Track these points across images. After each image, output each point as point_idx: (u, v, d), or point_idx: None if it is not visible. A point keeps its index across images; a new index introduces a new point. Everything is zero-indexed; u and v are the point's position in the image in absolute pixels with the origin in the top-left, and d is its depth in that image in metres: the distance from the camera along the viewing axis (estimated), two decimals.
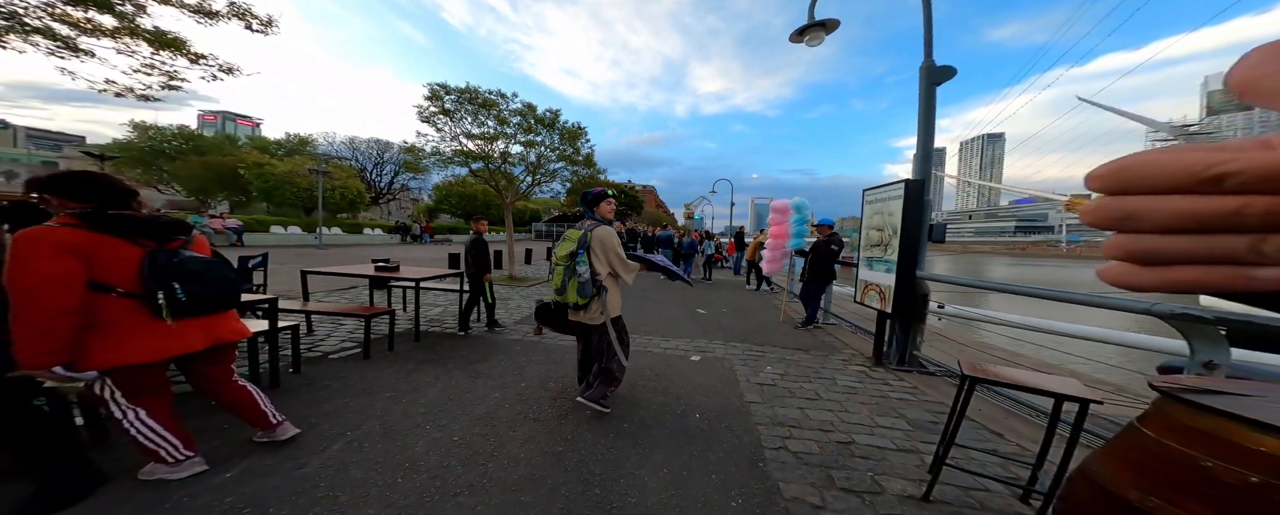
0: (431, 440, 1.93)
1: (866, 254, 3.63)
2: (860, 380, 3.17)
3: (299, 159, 23.13)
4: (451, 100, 7.67)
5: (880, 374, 3.32)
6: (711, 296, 7.28)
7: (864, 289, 3.64)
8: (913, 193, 3.08)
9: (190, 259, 1.46)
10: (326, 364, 2.85)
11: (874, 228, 3.50)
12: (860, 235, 3.73)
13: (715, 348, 3.94)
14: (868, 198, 3.70)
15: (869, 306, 3.62)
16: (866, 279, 3.63)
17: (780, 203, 5.36)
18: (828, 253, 4.63)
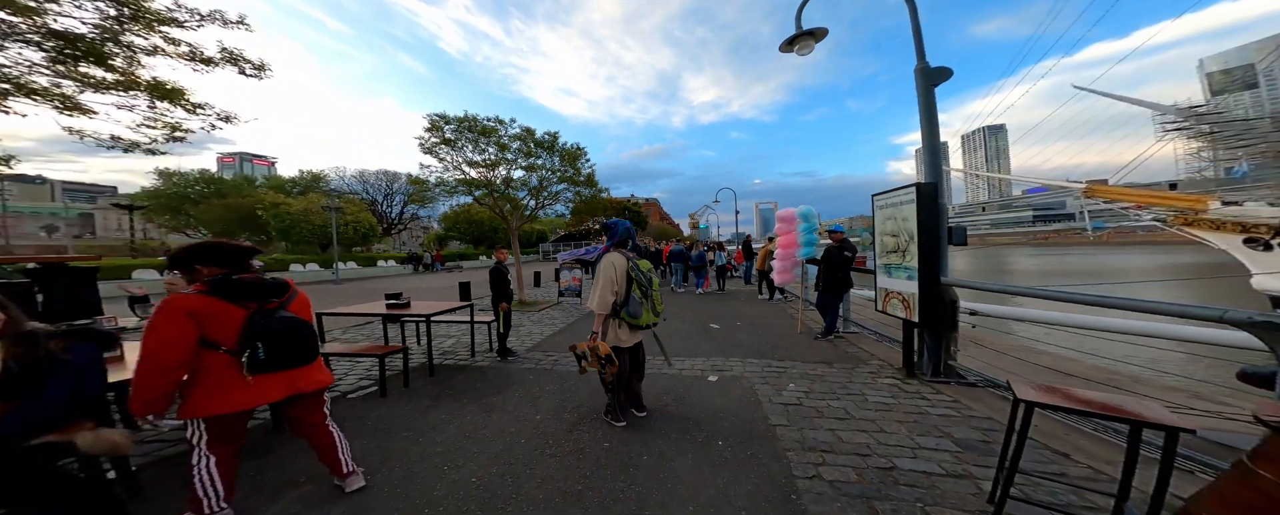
0: (450, 483, 1.87)
1: (883, 261, 3.53)
2: (893, 395, 3.01)
3: (312, 197, 23.93)
4: (451, 130, 7.93)
5: (914, 387, 3.15)
6: (724, 309, 7.15)
7: (885, 297, 3.52)
8: (926, 197, 3.01)
9: (277, 320, 1.60)
10: (345, 405, 2.83)
11: (888, 234, 3.41)
12: (874, 241, 3.64)
13: (733, 366, 3.82)
14: (878, 203, 3.63)
15: (892, 315, 3.48)
16: (887, 287, 3.51)
17: (786, 212, 5.31)
18: (841, 260, 4.52)
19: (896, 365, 3.66)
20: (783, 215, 5.35)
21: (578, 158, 8.75)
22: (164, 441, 2.32)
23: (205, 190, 25.80)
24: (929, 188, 3.03)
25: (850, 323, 5.05)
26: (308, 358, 1.68)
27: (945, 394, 2.98)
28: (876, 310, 3.74)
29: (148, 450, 2.25)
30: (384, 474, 1.92)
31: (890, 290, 3.45)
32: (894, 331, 4.75)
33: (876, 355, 4.05)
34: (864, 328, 5.01)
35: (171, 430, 2.06)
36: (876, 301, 3.68)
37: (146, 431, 1.77)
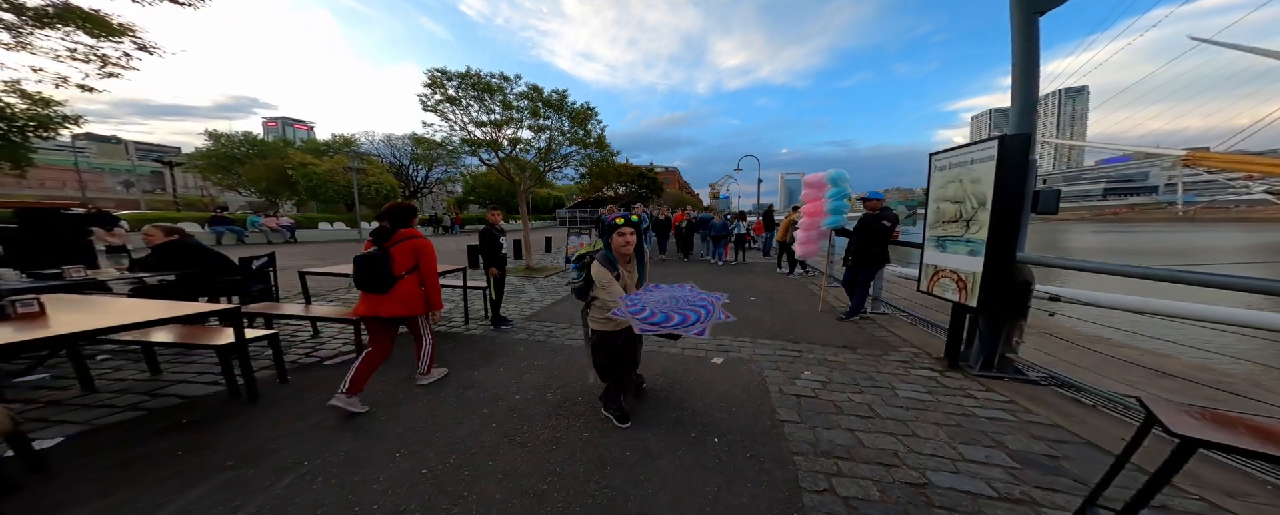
0: (396, 473, 1.64)
1: (936, 232, 2.91)
2: (929, 390, 2.56)
3: (337, 158, 24.40)
4: (454, 87, 7.37)
5: (957, 381, 2.68)
6: (738, 282, 6.69)
7: (933, 275, 2.95)
8: (1011, 153, 2.33)
9: (359, 256, 2.17)
10: (320, 371, 2.69)
11: (948, 200, 2.76)
12: (925, 210, 2.99)
13: (741, 346, 3.43)
14: (938, 163, 2.93)
15: (940, 297, 2.92)
16: (936, 263, 2.92)
17: (814, 176, 4.60)
18: (878, 231, 3.88)
19: (935, 354, 3.17)
20: (810, 180, 4.65)
21: (587, 118, 8.06)
22: (104, 409, 2.23)
23: (248, 151, 26.89)
24: (1018, 141, 2.34)
25: (880, 302, 4.50)
26: (372, 288, 2.16)
27: (998, 392, 2.50)
28: (918, 290, 3.18)
29: (59, 428, 1.88)
30: (325, 459, 1.71)
31: (941, 267, 2.87)
32: (933, 313, 4.19)
33: (909, 341, 3.55)
34: (896, 308, 4.46)
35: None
36: (919, 280, 3.11)
37: (32, 411, 1.80)
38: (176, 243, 3.35)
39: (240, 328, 2.08)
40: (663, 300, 1.89)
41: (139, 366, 2.55)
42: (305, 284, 3.71)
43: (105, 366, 2.61)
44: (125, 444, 1.74)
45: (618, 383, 2.12)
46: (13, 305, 1.67)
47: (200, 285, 3.46)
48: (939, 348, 3.30)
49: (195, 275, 3.34)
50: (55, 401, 2.11)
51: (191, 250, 3.39)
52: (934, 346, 3.39)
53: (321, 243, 16.01)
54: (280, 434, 1.87)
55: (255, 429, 1.90)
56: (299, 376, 2.60)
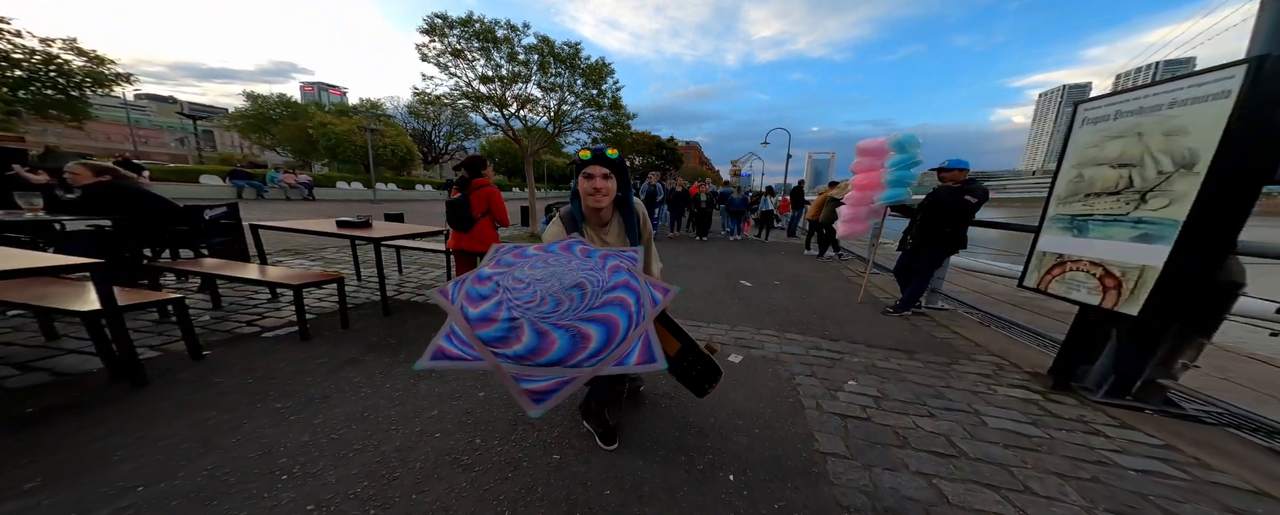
0: (262, 510, 1.13)
1: (1071, 209, 2.10)
2: (1033, 419, 1.90)
3: (356, 119, 24.32)
4: (457, 36, 6.53)
5: (1073, 410, 1.99)
6: (760, 263, 5.96)
7: (1054, 267, 2.16)
8: (1270, 85, 1.47)
9: (450, 201, 2.68)
10: (250, 345, 2.23)
11: (1108, 163, 1.93)
12: (1054, 181, 2.15)
13: (765, 341, 2.81)
14: (1091, 112, 2.06)
15: (1060, 297, 2.14)
16: (1065, 251, 2.13)
17: (871, 142, 3.72)
18: (960, 208, 3.04)
19: (1026, 367, 2.46)
20: (865, 146, 3.76)
21: (602, 76, 7.13)
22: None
23: (283, 113, 27.89)
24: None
25: (937, 296, 3.72)
26: (459, 227, 2.66)
27: (1142, 431, 1.81)
28: (1025, 286, 2.37)
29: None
30: (170, 485, 1.21)
31: (1073, 257, 2.07)
32: (1010, 310, 3.41)
33: (985, 346, 2.83)
34: (961, 303, 3.68)
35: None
36: (1025, 273, 2.33)
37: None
38: (108, 184, 2.87)
39: (106, 289, 1.56)
40: (536, 283, 0.95)
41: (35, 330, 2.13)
42: (258, 240, 3.22)
43: (3, 326, 2.21)
44: None
45: (603, 390, 1.53)
46: None
47: (146, 235, 3.02)
48: (1029, 359, 2.59)
49: (133, 223, 2.89)
50: None
51: (126, 193, 2.90)
52: (1021, 356, 2.68)
53: (338, 202, 15.90)
54: (137, 439, 1.39)
55: (110, 430, 1.42)
56: (225, 350, 2.13)
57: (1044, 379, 2.28)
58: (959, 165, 3.14)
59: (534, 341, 0.83)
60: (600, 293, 0.92)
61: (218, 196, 12.96)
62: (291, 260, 4.41)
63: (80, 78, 14.47)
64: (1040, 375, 2.35)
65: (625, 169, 1.32)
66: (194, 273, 2.52)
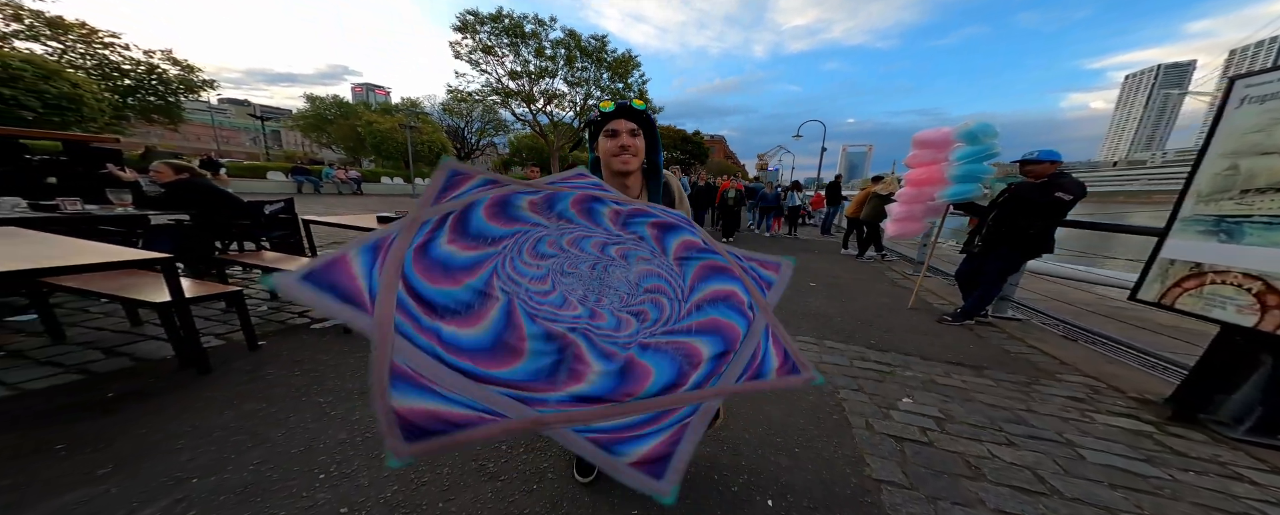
0: (298, 511, 1.15)
1: (1213, 210, 1.73)
2: (1146, 454, 1.63)
3: (397, 117, 25.92)
4: (487, 33, 6.66)
5: (1203, 446, 1.68)
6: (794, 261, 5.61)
7: (1182, 280, 1.79)
8: None
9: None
10: (300, 338, 2.35)
11: (1276, 152, 1.56)
12: (1197, 173, 1.77)
13: (804, 349, 2.60)
14: (1254, 88, 1.65)
15: (1192, 315, 1.77)
16: (1210, 261, 1.75)
17: (933, 132, 3.30)
18: (1050, 206, 2.61)
19: (1129, 390, 2.10)
20: (925, 137, 3.35)
21: (628, 69, 7.05)
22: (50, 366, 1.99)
23: (337, 113, 30.47)
24: None
25: (1007, 304, 3.30)
26: None
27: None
28: (1140, 300, 1.97)
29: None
30: (219, 479, 1.25)
31: (1216, 268, 1.71)
32: (1100, 323, 2.94)
33: (1075, 365, 2.46)
34: (1036, 312, 3.23)
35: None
36: (1138, 285, 1.96)
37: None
38: (186, 182, 3.15)
39: (175, 282, 1.67)
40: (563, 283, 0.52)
41: (121, 316, 2.37)
42: (310, 235, 3.42)
43: (96, 313, 2.48)
44: (19, 423, 1.43)
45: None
46: None
47: (217, 229, 3.30)
48: (1133, 381, 2.21)
49: (209, 217, 3.16)
50: (17, 352, 1.93)
51: (201, 190, 3.18)
52: (1122, 377, 2.30)
53: (381, 196, 16.97)
54: (195, 428, 1.48)
55: (174, 418, 1.52)
56: (277, 342, 2.27)
57: (1159, 407, 1.92)
58: (1049, 157, 2.68)
59: (612, 377, 0.47)
60: (685, 301, 0.56)
61: (281, 191, 14.26)
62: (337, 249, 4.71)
63: (176, 85, 16.38)
64: (1152, 402, 1.98)
65: (654, 125, 1.09)
66: (255, 265, 2.71)
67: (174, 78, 16.23)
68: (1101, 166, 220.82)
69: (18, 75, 8.58)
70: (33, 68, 8.87)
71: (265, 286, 0.64)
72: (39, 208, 2.70)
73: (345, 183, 17.74)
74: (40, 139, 4.20)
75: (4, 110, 8.44)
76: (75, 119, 9.91)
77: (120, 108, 15.27)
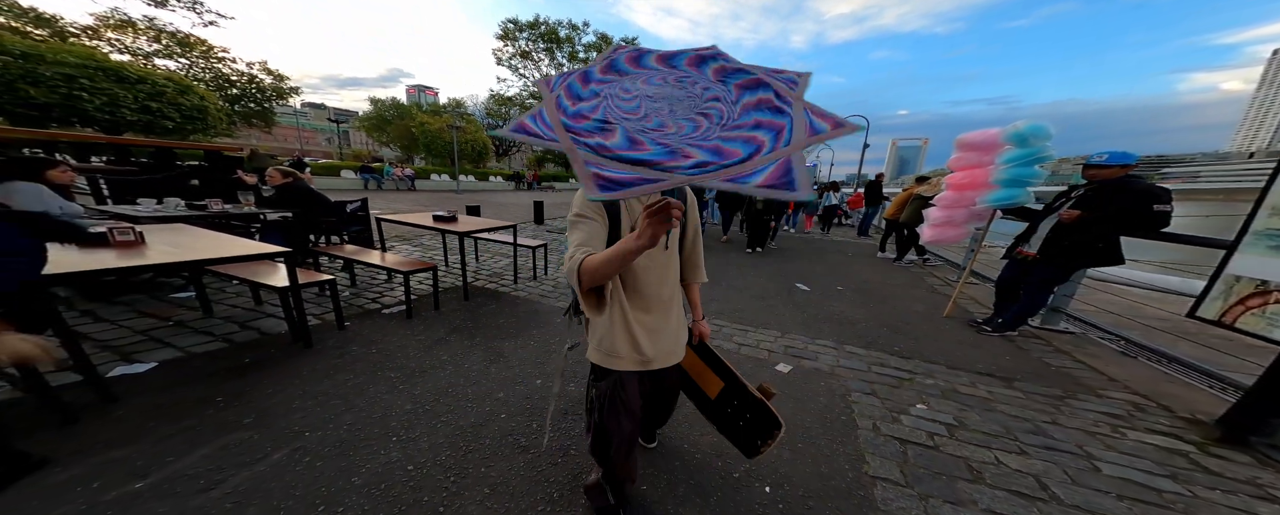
0: (380, 466, 1.48)
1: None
2: (1172, 471, 1.60)
3: (445, 118, 27.78)
4: (526, 39, 7.03)
5: (1242, 468, 1.62)
6: (821, 265, 5.46)
7: (1247, 297, 1.67)
8: None
9: None
10: (374, 321, 2.81)
11: None
12: (1270, 185, 1.60)
13: (820, 352, 2.64)
14: None
15: (1256, 337, 1.64)
16: (1278, 279, 1.59)
17: (980, 134, 3.08)
18: (1126, 212, 2.30)
19: (1180, 411, 1.97)
20: (969, 140, 3.13)
21: None
22: (159, 341, 2.30)
23: (394, 114, 33.24)
24: None
25: (1059, 315, 3.05)
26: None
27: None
28: (1199, 317, 1.83)
29: (165, 352, 2.09)
30: (324, 434, 1.63)
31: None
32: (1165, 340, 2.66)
33: (1126, 383, 2.30)
34: (1092, 327, 2.97)
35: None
36: (1198, 302, 1.81)
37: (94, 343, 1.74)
38: (291, 185, 3.80)
39: (293, 271, 2.13)
40: (651, 101, 0.75)
41: (248, 297, 2.97)
42: (381, 230, 3.96)
43: (232, 292, 3.13)
44: (189, 380, 1.93)
45: (617, 465, 1.20)
46: (112, 233, 1.87)
47: (313, 225, 3.96)
48: (1190, 402, 2.04)
49: (304, 215, 3.80)
50: (182, 323, 2.54)
51: (301, 192, 3.83)
52: (1177, 397, 2.13)
53: (431, 192, 18.50)
54: (305, 391, 1.90)
55: (290, 382, 1.96)
56: (357, 323, 2.74)
57: (1207, 428, 1.78)
58: (1120, 160, 2.40)
59: (623, 143, 0.66)
60: (727, 127, 0.69)
61: (351, 187, 16.06)
62: (401, 245, 5.33)
63: (270, 92, 18.90)
64: (1201, 423, 1.83)
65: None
66: (339, 257, 3.26)
67: (268, 86, 18.72)
68: (1233, 158, 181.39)
69: (162, 91, 10.39)
70: (173, 84, 10.70)
71: (492, 136, 0.80)
72: (193, 207, 3.43)
73: (401, 179, 19.51)
74: (189, 149, 5.17)
75: (151, 121, 10.34)
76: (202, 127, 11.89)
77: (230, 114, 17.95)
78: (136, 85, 9.73)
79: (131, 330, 2.38)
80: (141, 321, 2.50)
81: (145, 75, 10.08)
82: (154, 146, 5.07)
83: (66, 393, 1.67)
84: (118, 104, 9.35)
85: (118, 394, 1.73)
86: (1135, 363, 2.56)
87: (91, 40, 13.67)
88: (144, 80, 9.88)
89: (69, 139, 4.79)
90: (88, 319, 2.49)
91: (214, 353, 2.20)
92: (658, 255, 1.07)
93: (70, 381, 1.75)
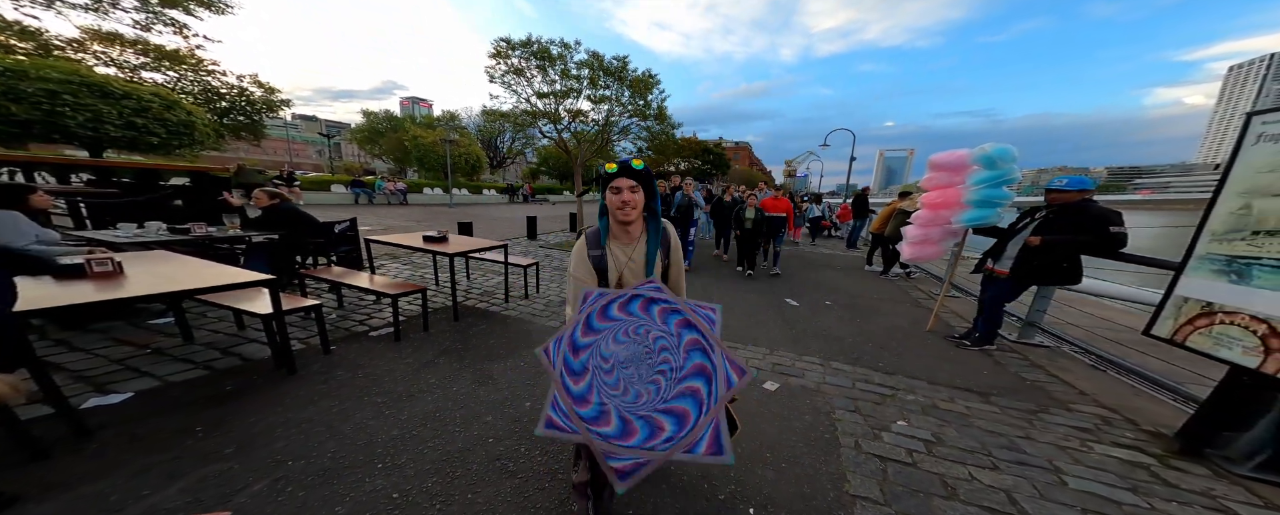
0: (365, 494, 1.47)
1: (1226, 250, 1.71)
2: (1132, 483, 1.67)
3: (438, 131, 27.87)
4: (519, 56, 7.24)
5: (1198, 480, 1.68)
6: (810, 279, 5.58)
7: (1196, 318, 1.78)
8: None
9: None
10: (360, 344, 2.79)
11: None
12: (1213, 207, 1.74)
13: (807, 369, 2.69)
14: (1268, 127, 1.63)
15: (1204, 355, 1.75)
16: (1220, 301, 1.72)
17: (949, 155, 3.25)
18: (1107, 241, 2.45)
19: (1144, 424, 2.05)
20: (939, 160, 3.31)
21: (648, 88, 7.34)
22: (133, 368, 2.32)
23: (386, 126, 33.27)
24: None
25: (1034, 330, 3.17)
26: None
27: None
28: (1153, 335, 1.95)
29: (140, 382, 2.06)
30: (308, 461, 1.62)
31: (1225, 308, 1.69)
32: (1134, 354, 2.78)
33: (1096, 396, 2.39)
34: (1066, 341, 3.09)
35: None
36: (1152, 321, 1.93)
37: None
38: (277, 207, 3.79)
39: (276, 296, 2.12)
40: (619, 369, 1.05)
41: (231, 322, 2.93)
42: (370, 251, 3.95)
43: (214, 317, 3.07)
44: (167, 410, 1.89)
45: (599, 461, 1.32)
46: (89, 264, 1.85)
47: (299, 246, 3.93)
48: (1155, 415, 2.13)
49: (291, 237, 3.78)
50: (160, 350, 2.49)
51: (287, 213, 3.81)
52: (1143, 411, 2.22)
53: (423, 206, 18.42)
54: (288, 419, 1.87)
55: (273, 409, 1.94)
56: (344, 347, 2.71)
57: (1167, 441, 1.87)
58: (1080, 186, 2.58)
59: (619, 427, 0.98)
60: (675, 383, 1.02)
61: (342, 202, 15.89)
62: (390, 264, 5.30)
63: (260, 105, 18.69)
64: (1162, 435, 1.92)
65: (652, 181, 1.27)
66: (326, 280, 3.24)
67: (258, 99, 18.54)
68: (1198, 169, 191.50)
69: (148, 106, 10.25)
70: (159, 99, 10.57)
71: (537, 435, 0.94)
72: (176, 231, 3.38)
73: (393, 194, 19.38)
74: (175, 170, 5.10)
75: (136, 138, 10.17)
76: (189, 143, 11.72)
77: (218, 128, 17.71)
78: (121, 101, 9.61)
79: (107, 359, 2.32)
80: (118, 350, 2.44)
81: (130, 90, 9.96)
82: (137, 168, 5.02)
83: (37, 426, 1.62)
84: (102, 120, 9.21)
85: (92, 427, 1.69)
86: (1104, 376, 2.67)
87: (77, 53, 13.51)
88: (129, 95, 9.77)
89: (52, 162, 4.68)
90: (62, 348, 2.42)
91: (193, 381, 2.16)
92: (627, 263, 1.33)
93: (41, 415, 1.71)
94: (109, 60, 14.22)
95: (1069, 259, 2.58)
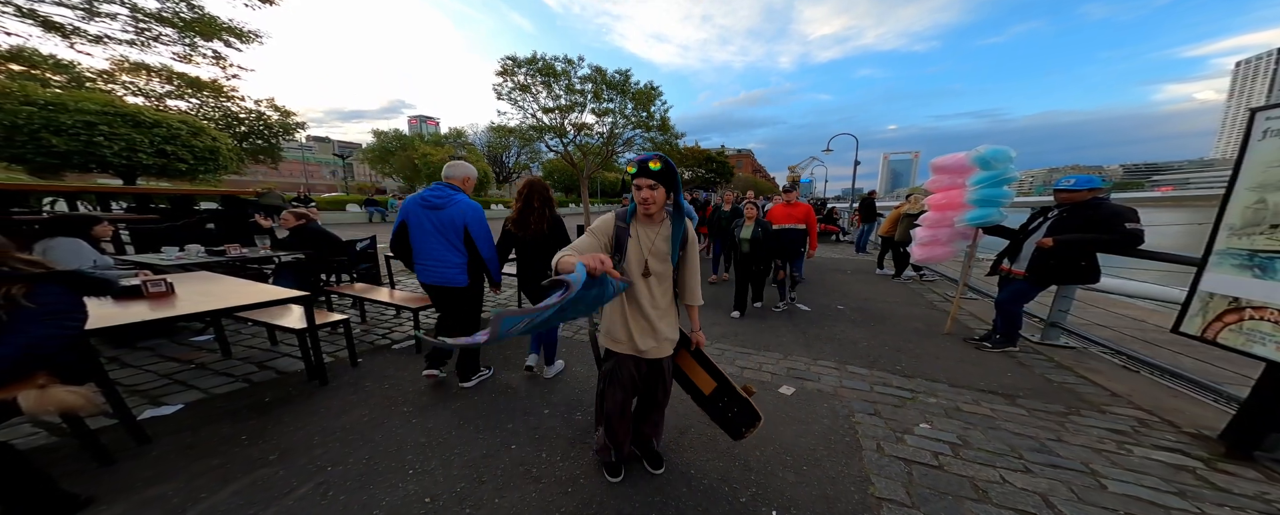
0: (399, 497, 1.53)
1: (1246, 244, 1.69)
2: (1179, 487, 1.64)
3: (447, 148, 28.73)
4: (524, 74, 7.55)
5: (1249, 484, 1.65)
6: (823, 282, 5.55)
7: (1222, 314, 1.75)
8: None
9: None
10: (385, 357, 2.88)
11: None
12: (1227, 202, 1.74)
13: (823, 373, 2.69)
14: (1273, 122, 1.64)
15: (1236, 351, 1.70)
16: (1247, 296, 1.69)
17: (950, 158, 3.28)
18: (1124, 240, 2.44)
19: (1185, 426, 2.00)
20: (941, 163, 3.33)
21: (651, 100, 7.56)
22: (183, 383, 2.44)
23: (396, 145, 34.16)
24: None
25: (1058, 331, 3.12)
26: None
27: None
28: (1182, 333, 1.91)
29: (188, 394, 2.19)
30: (345, 467, 1.69)
31: (1253, 303, 1.65)
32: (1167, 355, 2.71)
33: (1130, 397, 2.34)
34: (1093, 342, 3.02)
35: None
36: (1179, 318, 1.90)
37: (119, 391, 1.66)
38: (303, 227, 3.97)
39: (310, 312, 2.24)
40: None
41: (264, 337, 3.06)
42: (390, 268, 4.09)
43: (248, 333, 3.21)
44: (215, 419, 1.99)
45: (614, 425, 1.57)
46: (145, 286, 1.99)
47: (324, 264, 4.09)
48: (1196, 417, 2.07)
49: (317, 255, 3.95)
50: (203, 365, 2.61)
51: (313, 233, 3.99)
52: (1183, 413, 2.17)
53: None
54: (324, 427, 1.95)
55: (309, 419, 2.02)
56: (369, 359, 2.81)
57: (1212, 443, 1.81)
58: (1089, 185, 2.58)
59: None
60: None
61: (357, 221, 16.39)
62: (407, 279, 5.45)
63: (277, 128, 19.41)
64: (1205, 437, 1.87)
65: (673, 175, 1.34)
66: (349, 295, 3.37)
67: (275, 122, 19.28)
68: (1218, 164, 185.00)
69: (176, 133, 10.80)
70: (186, 126, 11.13)
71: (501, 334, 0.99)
72: (212, 252, 3.58)
73: None
74: (208, 195, 5.36)
75: (166, 164, 10.72)
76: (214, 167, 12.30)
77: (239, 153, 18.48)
78: (152, 129, 10.15)
79: (156, 374, 2.46)
80: (165, 365, 2.58)
81: (160, 118, 10.51)
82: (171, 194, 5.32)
83: (102, 435, 1.73)
84: (134, 148, 9.73)
85: (150, 435, 1.80)
86: (1137, 377, 2.60)
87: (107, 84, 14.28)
88: (159, 124, 10.31)
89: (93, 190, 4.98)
90: (115, 365, 2.57)
91: (235, 393, 2.27)
92: (639, 282, 1.41)
93: (105, 425, 1.82)
94: (137, 89, 15.03)
95: (1086, 257, 2.55)
